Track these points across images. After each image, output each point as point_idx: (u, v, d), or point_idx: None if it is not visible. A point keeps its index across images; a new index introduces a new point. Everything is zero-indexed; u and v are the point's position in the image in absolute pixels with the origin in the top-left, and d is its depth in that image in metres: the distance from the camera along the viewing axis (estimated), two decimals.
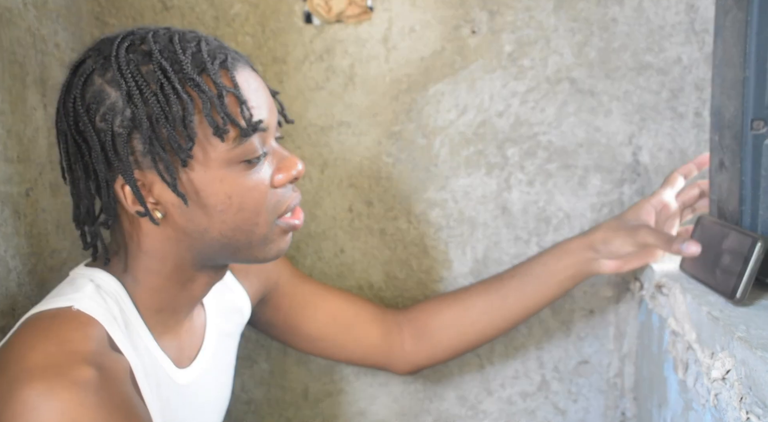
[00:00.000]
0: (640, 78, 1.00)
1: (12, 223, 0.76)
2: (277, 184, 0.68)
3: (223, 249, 0.68)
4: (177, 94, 0.61)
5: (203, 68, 0.63)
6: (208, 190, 0.64)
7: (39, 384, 0.55)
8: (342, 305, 0.95)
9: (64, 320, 0.62)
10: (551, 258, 0.92)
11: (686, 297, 0.77)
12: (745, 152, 0.73)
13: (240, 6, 1.00)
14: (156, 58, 0.62)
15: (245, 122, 0.63)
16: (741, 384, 0.61)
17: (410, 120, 1.02)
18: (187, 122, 0.62)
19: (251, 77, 0.67)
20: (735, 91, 0.74)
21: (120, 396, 0.60)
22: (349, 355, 0.96)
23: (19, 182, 0.78)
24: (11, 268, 0.76)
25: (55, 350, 0.59)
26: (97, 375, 0.58)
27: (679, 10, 0.98)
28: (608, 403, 1.09)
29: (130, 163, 0.63)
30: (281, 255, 0.73)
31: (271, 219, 0.68)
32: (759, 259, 0.69)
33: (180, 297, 0.72)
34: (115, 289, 0.68)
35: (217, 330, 0.82)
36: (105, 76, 0.63)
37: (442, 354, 0.96)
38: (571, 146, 1.02)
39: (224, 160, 0.64)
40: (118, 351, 0.64)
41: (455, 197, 1.04)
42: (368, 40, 1.00)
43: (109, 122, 0.62)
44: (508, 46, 1.00)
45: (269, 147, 0.68)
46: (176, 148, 0.62)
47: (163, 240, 0.67)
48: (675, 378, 0.82)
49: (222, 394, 0.84)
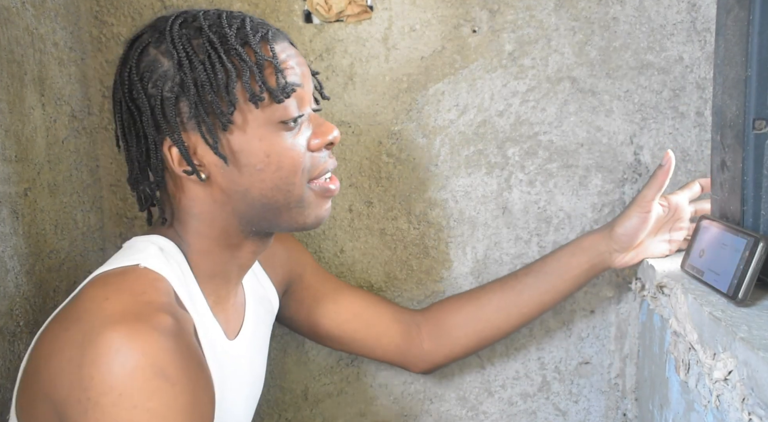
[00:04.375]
0: (641, 77, 0.99)
1: (10, 223, 0.76)
2: (313, 148, 0.72)
3: (265, 211, 0.72)
4: (222, 63, 0.67)
5: (246, 41, 0.69)
6: (247, 150, 0.69)
7: (121, 327, 0.58)
8: (363, 302, 0.96)
9: (134, 275, 0.66)
10: (565, 255, 0.94)
11: (688, 298, 0.77)
12: (746, 152, 0.73)
13: (239, 5, 0.99)
14: (205, 32, 0.68)
15: (279, 89, 0.68)
16: (743, 385, 0.61)
17: (410, 119, 1.02)
18: (229, 89, 0.67)
19: (288, 49, 0.72)
20: (737, 91, 0.74)
21: (193, 346, 0.64)
22: (369, 352, 0.97)
23: (17, 182, 0.77)
24: (9, 269, 0.75)
25: (130, 300, 0.62)
26: (174, 322, 0.61)
27: (680, 8, 0.97)
28: (609, 404, 1.08)
29: (177, 125, 0.68)
30: (321, 222, 0.76)
31: (306, 180, 0.72)
32: (761, 260, 0.69)
33: (230, 264, 0.75)
34: (174, 252, 0.72)
35: (254, 313, 0.85)
36: (159, 47, 0.68)
37: (460, 351, 0.98)
38: (572, 146, 1.02)
39: (261, 120, 0.69)
40: (184, 309, 0.67)
41: (455, 197, 1.04)
42: (368, 39, 1.00)
43: (159, 88, 0.67)
44: (509, 45, 1.00)
45: (306, 112, 0.72)
46: (218, 112, 0.67)
47: (209, 203, 0.71)
48: (677, 378, 0.82)
49: (258, 379, 0.86)
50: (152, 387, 0.57)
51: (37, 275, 0.81)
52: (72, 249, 0.90)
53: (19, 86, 0.79)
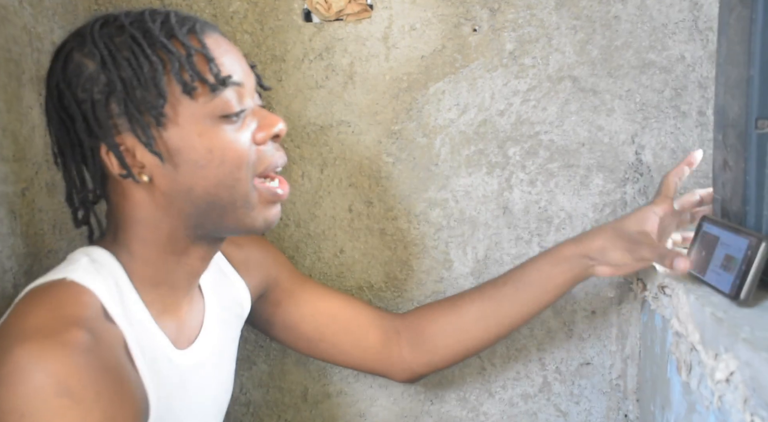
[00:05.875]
0: (642, 76, 0.99)
1: (8, 223, 0.75)
2: (258, 141, 0.70)
3: (210, 211, 0.69)
4: (147, 57, 0.65)
5: (172, 34, 0.67)
6: (187, 146, 0.66)
7: (29, 344, 0.57)
8: (341, 305, 0.94)
9: (57, 290, 0.64)
10: (545, 264, 0.90)
11: (689, 298, 0.76)
12: (749, 151, 0.73)
13: (239, 4, 0.99)
14: (127, 29, 0.66)
15: (213, 78, 0.66)
16: (745, 385, 0.60)
17: (410, 119, 1.01)
18: (157, 81, 0.65)
19: (221, 40, 0.70)
20: (739, 90, 0.73)
21: (110, 361, 0.62)
22: (347, 358, 0.95)
23: (15, 181, 0.77)
24: (7, 269, 0.75)
25: (47, 315, 0.61)
26: (88, 338, 0.60)
27: (682, 7, 0.97)
28: (611, 405, 1.08)
29: (110, 128, 0.66)
30: (270, 226, 0.74)
31: (252, 176, 0.70)
32: (763, 260, 0.69)
33: (177, 272, 0.73)
34: (109, 263, 0.70)
35: (216, 319, 0.83)
36: (83, 50, 0.67)
37: (440, 361, 0.95)
38: (573, 145, 1.01)
39: (200, 115, 0.67)
40: (111, 322, 0.65)
41: (456, 197, 1.03)
42: (368, 38, 0.99)
43: (88, 91, 0.66)
44: (510, 44, 0.99)
45: (247, 105, 0.70)
46: (149, 107, 0.65)
47: (153, 207, 0.69)
48: (678, 379, 0.82)
49: (223, 387, 0.84)
50: (55, 407, 0.55)
51: (35, 275, 0.80)
52: (70, 249, 0.89)
53: (16, 85, 0.79)
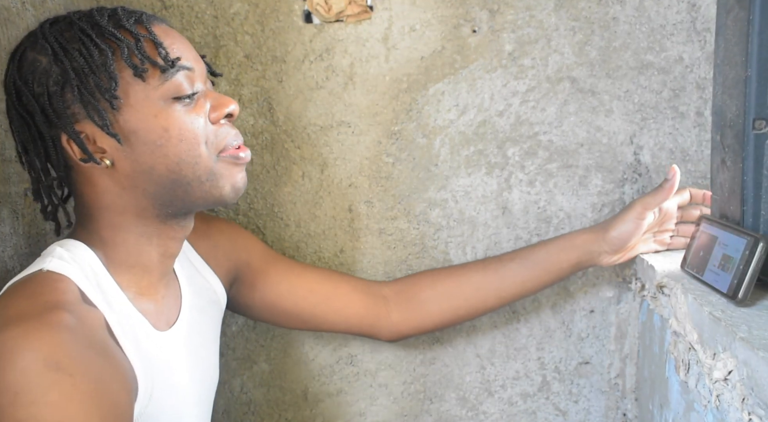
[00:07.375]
0: (641, 77, 0.99)
1: (10, 223, 0.76)
2: (213, 120, 0.73)
3: (176, 188, 0.71)
4: (96, 45, 0.68)
5: (120, 24, 0.70)
6: (143, 127, 0.69)
7: (14, 329, 0.58)
8: (317, 279, 0.96)
9: (34, 281, 0.66)
10: (555, 248, 0.95)
11: (688, 298, 0.77)
12: (746, 151, 0.73)
13: (239, 5, 0.99)
14: (76, 24, 0.69)
15: (162, 60, 0.69)
16: (743, 385, 0.61)
17: (410, 119, 1.02)
18: (108, 67, 0.68)
19: (169, 30, 0.73)
20: (737, 91, 0.74)
21: (95, 338, 0.63)
22: (333, 326, 0.97)
23: (17, 182, 0.77)
24: (9, 268, 0.75)
25: (27, 302, 0.62)
26: (70, 318, 0.61)
27: (680, 9, 0.97)
28: (609, 404, 1.08)
29: (68, 117, 0.68)
30: (239, 193, 0.75)
31: (212, 152, 0.72)
32: (761, 260, 0.69)
33: (149, 253, 0.75)
34: (82, 251, 0.71)
35: (193, 303, 0.84)
36: (35, 48, 0.69)
37: (430, 324, 0.99)
38: (572, 146, 1.02)
39: (154, 98, 0.69)
40: (91, 305, 0.67)
41: (455, 197, 1.04)
42: (368, 39, 1.00)
43: (43, 84, 0.68)
44: (509, 45, 1.00)
45: (198, 89, 0.72)
46: (102, 91, 0.67)
47: (118, 191, 0.71)
48: (677, 378, 0.82)
49: (208, 372, 0.85)
50: (48, 381, 0.56)
51: None
52: None
53: None
